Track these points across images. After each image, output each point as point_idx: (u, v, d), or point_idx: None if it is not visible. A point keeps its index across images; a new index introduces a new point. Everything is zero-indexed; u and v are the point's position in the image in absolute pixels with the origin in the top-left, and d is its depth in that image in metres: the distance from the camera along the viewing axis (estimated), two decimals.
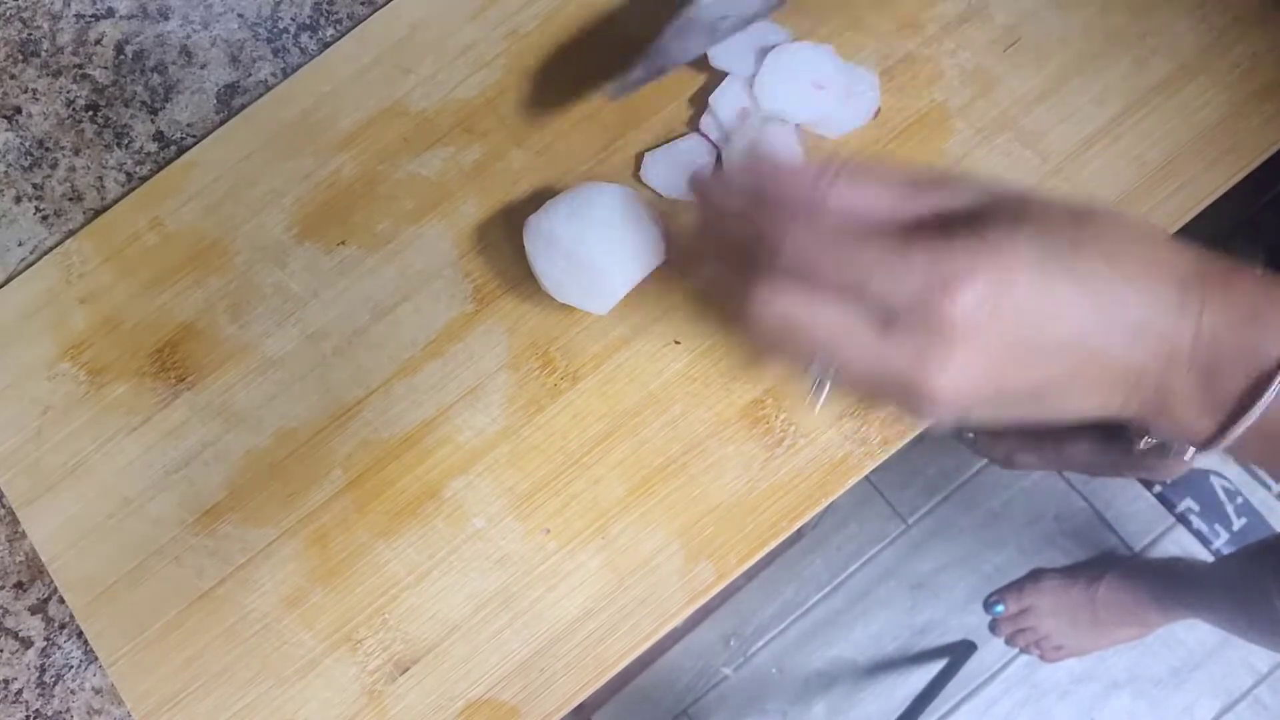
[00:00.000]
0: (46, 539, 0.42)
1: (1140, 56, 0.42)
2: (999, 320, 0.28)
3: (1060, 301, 0.28)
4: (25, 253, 0.45)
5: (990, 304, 0.28)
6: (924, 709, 1.14)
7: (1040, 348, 0.29)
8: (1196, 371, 0.29)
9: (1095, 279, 0.29)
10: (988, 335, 0.28)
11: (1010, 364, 0.29)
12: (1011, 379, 0.29)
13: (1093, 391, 0.30)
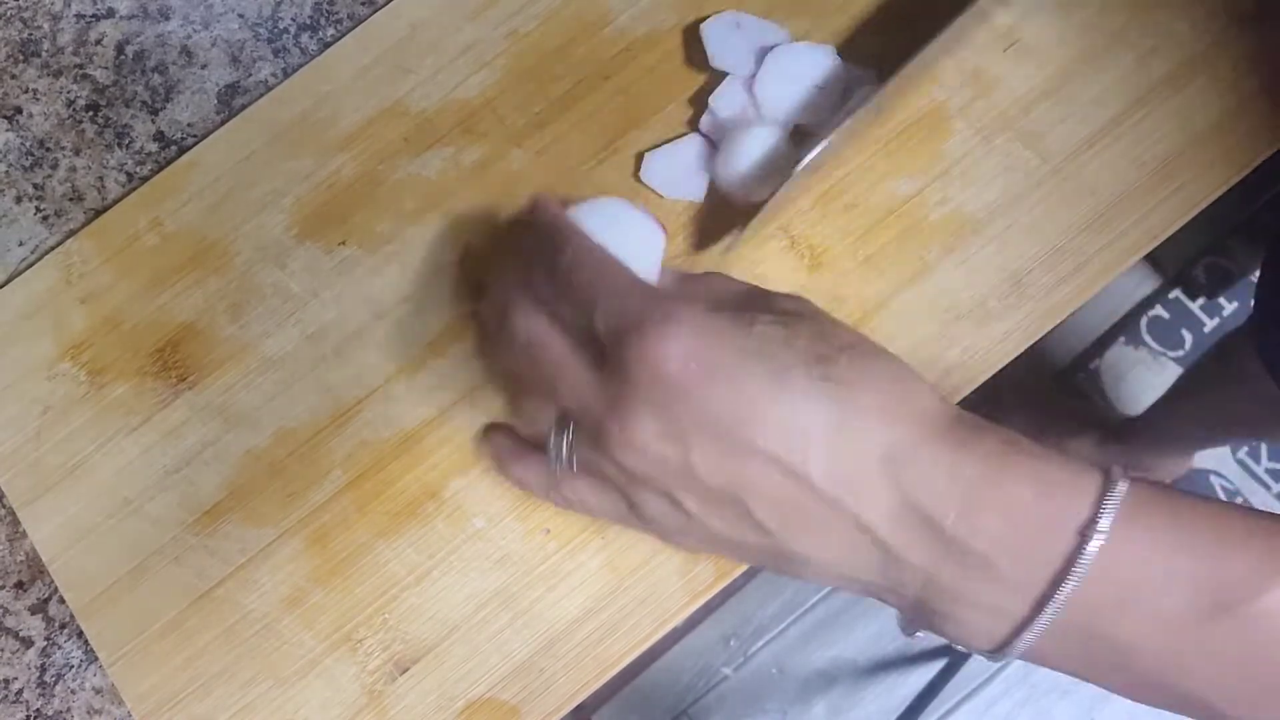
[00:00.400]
0: (47, 539, 0.42)
1: (1140, 57, 0.42)
2: (685, 385, 0.27)
3: (759, 403, 0.27)
4: (26, 253, 0.45)
5: (675, 362, 0.27)
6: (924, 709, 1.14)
7: (729, 440, 0.27)
8: (971, 564, 0.26)
9: (817, 401, 0.27)
10: (669, 397, 0.27)
11: (697, 440, 0.27)
12: (700, 460, 0.27)
13: (816, 531, 0.28)
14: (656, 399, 0.27)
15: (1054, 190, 0.42)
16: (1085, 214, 0.41)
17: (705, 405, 0.27)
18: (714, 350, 0.27)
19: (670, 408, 0.27)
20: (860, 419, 0.27)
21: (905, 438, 0.27)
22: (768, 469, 0.27)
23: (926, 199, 0.42)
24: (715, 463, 0.27)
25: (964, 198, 0.42)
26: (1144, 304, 1.22)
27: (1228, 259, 1.18)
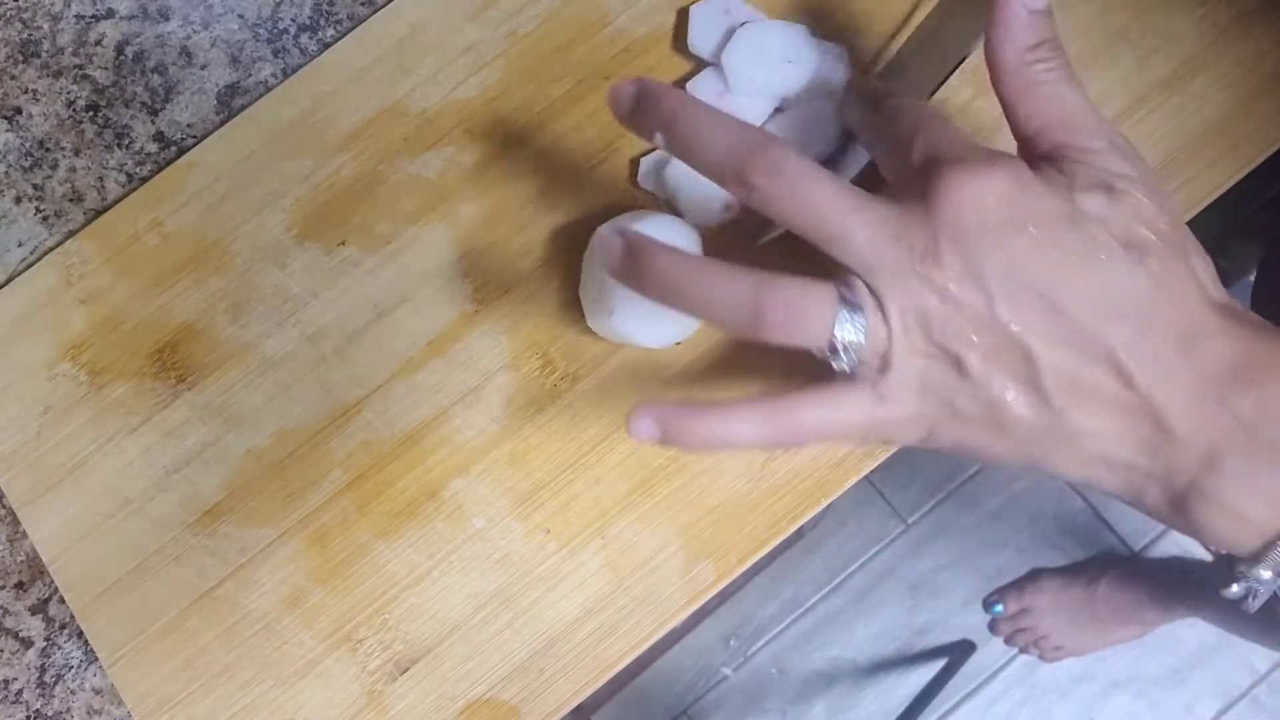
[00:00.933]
0: (47, 539, 0.42)
1: (1141, 56, 0.42)
2: (1002, 234, 0.26)
3: (1073, 267, 0.26)
4: (25, 253, 0.45)
5: (997, 210, 0.26)
6: (924, 709, 1.14)
7: (1035, 294, 0.26)
8: (1260, 447, 0.25)
9: (1127, 285, 0.26)
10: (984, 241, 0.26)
11: (999, 287, 0.26)
12: (1001, 305, 0.26)
13: (1097, 413, 0.27)
14: (965, 237, 0.26)
15: None
16: None
17: (1017, 258, 0.26)
18: (1031, 203, 0.26)
19: (983, 253, 0.26)
20: (1166, 304, 0.26)
21: (1207, 321, 0.26)
22: (1070, 334, 0.26)
23: None
24: (1017, 315, 0.26)
25: None
26: None
27: (1226, 259, 1.18)
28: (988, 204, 0.27)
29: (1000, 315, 0.26)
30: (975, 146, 0.28)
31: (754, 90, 0.41)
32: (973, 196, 0.27)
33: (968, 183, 0.27)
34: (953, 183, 0.27)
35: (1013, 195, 0.27)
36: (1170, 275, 0.27)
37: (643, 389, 0.42)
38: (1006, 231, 0.26)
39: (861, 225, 0.27)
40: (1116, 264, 0.26)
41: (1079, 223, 0.27)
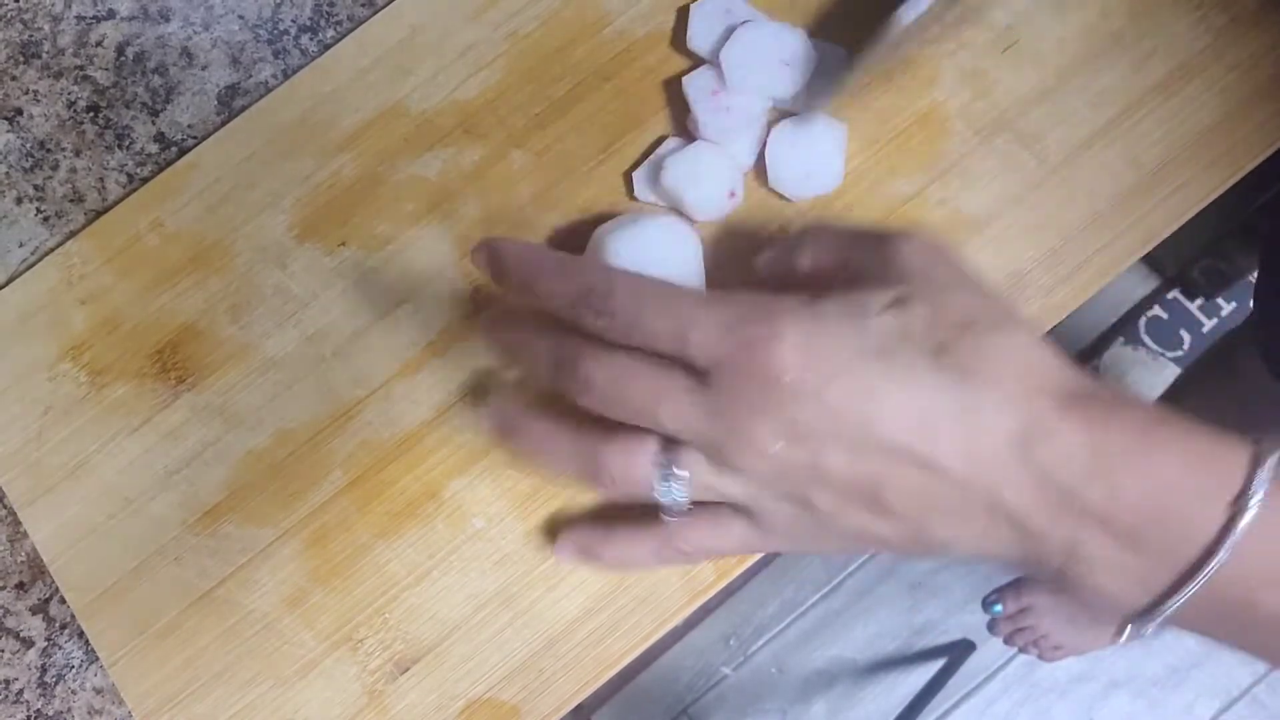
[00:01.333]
0: (47, 539, 0.42)
1: (1138, 59, 0.43)
2: (805, 391, 0.27)
3: (881, 396, 0.26)
4: (26, 254, 0.45)
5: (792, 372, 0.26)
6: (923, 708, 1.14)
7: (857, 440, 0.27)
8: (1115, 534, 0.26)
9: (940, 389, 0.26)
10: (791, 406, 0.27)
11: (824, 444, 0.27)
12: (831, 462, 0.27)
13: (952, 517, 0.27)
14: (777, 406, 0.27)
15: (1053, 191, 0.42)
16: (1084, 215, 0.42)
17: (828, 406, 0.27)
18: (829, 352, 0.27)
19: (793, 412, 0.27)
20: (990, 401, 0.26)
21: (1039, 415, 0.26)
22: (900, 461, 0.27)
23: (926, 199, 0.42)
24: (846, 459, 0.27)
25: (963, 198, 0.42)
26: (1142, 304, 1.22)
27: (1226, 260, 1.18)
28: (789, 373, 0.27)
29: (828, 464, 0.27)
30: (750, 312, 0.28)
31: (749, 89, 0.41)
32: (774, 369, 0.27)
33: (764, 361, 0.27)
34: (748, 367, 0.27)
35: (808, 354, 0.27)
36: (991, 368, 0.26)
37: None
38: (815, 387, 0.27)
39: (674, 416, 0.29)
40: (932, 377, 0.27)
41: (882, 349, 0.27)
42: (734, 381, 0.27)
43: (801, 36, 0.41)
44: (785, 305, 0.28)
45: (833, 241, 0.33)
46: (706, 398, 0.28)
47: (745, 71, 0.41)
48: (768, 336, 0.27)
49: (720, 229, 0.42)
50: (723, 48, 0.41)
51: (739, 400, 0.27)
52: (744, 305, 0.28)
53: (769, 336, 0.27)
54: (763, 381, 0.27)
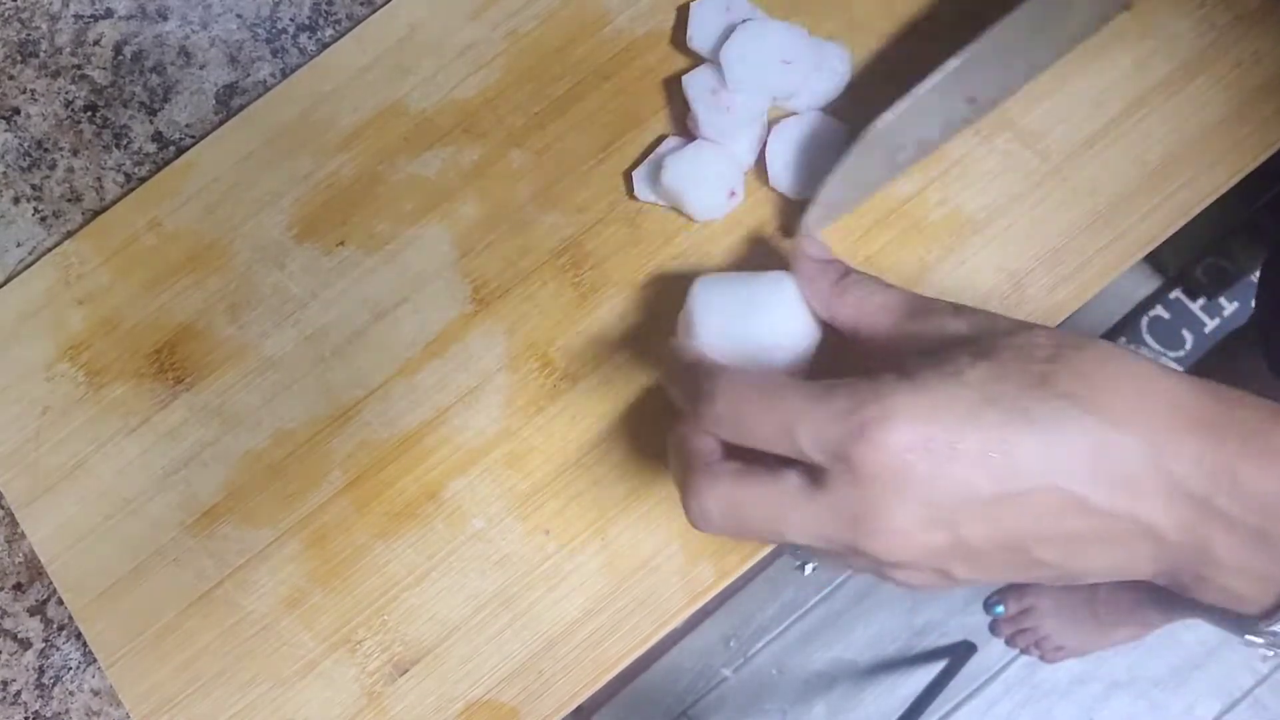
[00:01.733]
0: (45, 540, 0.42)
1: (1140, 57, 0.42)
2: (933, 466, 0.26)
3: (1010, 444, 0.26)
4: (24, 254, 0.45)
5: (914, 450, 0.26)
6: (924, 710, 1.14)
7: (995, 498, 0.26)
8: (1242, 536, 0.26)
9: (1063, 420, 0.26)
10: (922, 485, 0.26)
11: (963, 516, 0.26)
12: (973, 533, 0.26)
13: (1097, 549, 0.27)
14: (906, 493, 0.26)
15: (1054, 190, 0.42)
16: (1085, 214, 0.41)
17: (958, 476, 0.26)
18: (944, 420, 0.26)
19: (925, 495, 0.26)
20: (1114, 424, 0.26)
21: (1159, 429, 0.26)
22: (1044, 510, 0.26)
23: (926, 199, 0.42)
24: (989, 528, 0.26)
25: (964, 198, 0.42)
26: (1145, 304, 1.21)
27: (1228, 259, 1.17)
28: (911, 455, 0.26)
29: (970, 537, 0.27)
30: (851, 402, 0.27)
31: (750, 88, 0.41)
32: (894, 456, 0.26)
33: (882, 451, 0.26)
34: (867, 459, 0.26)
35: (923, 430, 0.26)
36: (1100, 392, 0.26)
37: (643, 388, 0.41)
38: (940, 463, 0.26)
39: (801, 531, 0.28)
40: (1051, 413, 0.26)
41: (990, 398, 0.26)
42: (855, 475, 0.26)
43: (802, 34, 0.41)
44: (885, 385, 0.27)
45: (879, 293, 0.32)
46: (830, 500, 0.27)
47: (745, 70, 0.41)
48: (879, 418, 0.26)
49: (725, 225, 0.42)
50: (723, 46, 0.41)
51: (865, 495, 0.26)
52: (846, 392, 0.27)
53: (880, 418, 0.26)
54: (885, 468, 0.26)
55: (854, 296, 0.33)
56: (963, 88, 0.37)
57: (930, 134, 0.39)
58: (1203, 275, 1.19)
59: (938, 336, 0.29)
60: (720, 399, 0.29)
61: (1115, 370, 0.27)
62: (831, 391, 0.27)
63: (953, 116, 0.39)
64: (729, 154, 0.41)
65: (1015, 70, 0.38)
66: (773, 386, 0.28)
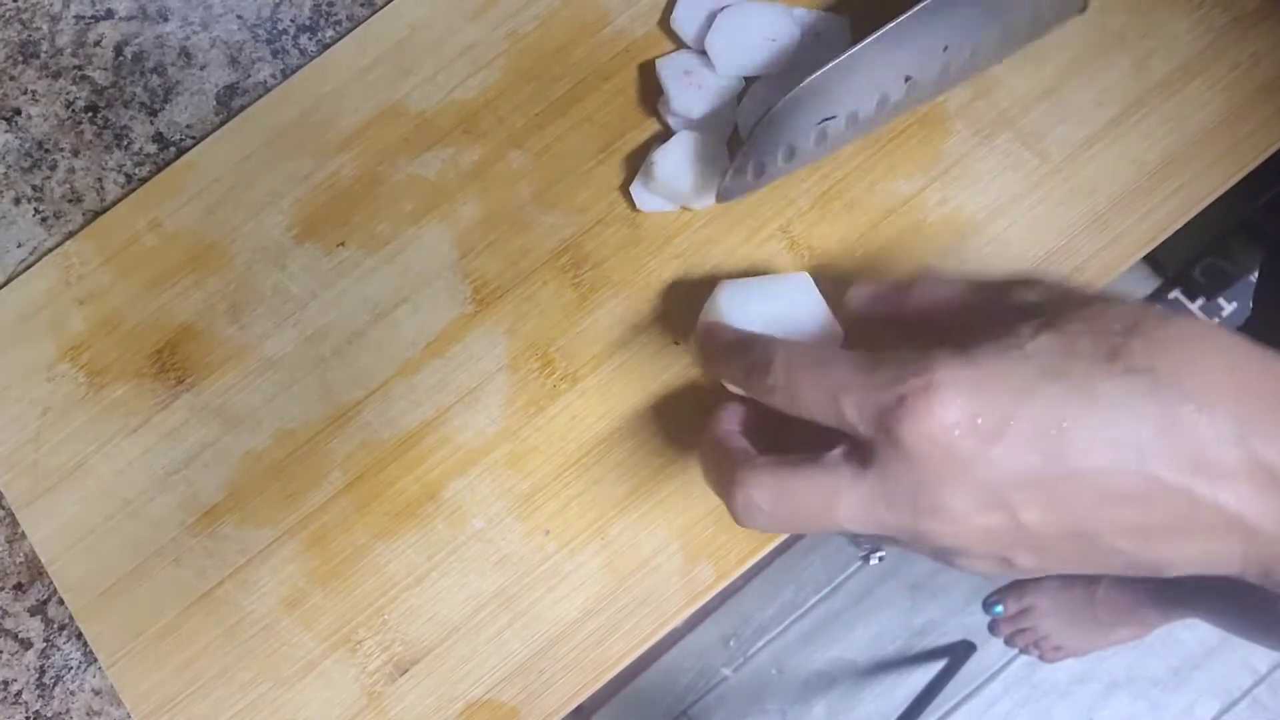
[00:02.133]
0: (46, 540, 0.42)
1: (1139, 58, 0.42)
2: (981, 444, 0.24)
3: (1069, 424, 0.24)
4: (24, 254, 0.45)
5: (960, 425, 0.24)
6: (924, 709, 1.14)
7: (1053, 480, 0.24)
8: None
9: (1132, 398, 0.23)
10: (971, 464, 0.24)
11: (1020, 499, 0.24)
12: (1032, 518, 0.24)
13: (1176, 536, 0.24)
14: (955, 472, 0.24)
15: (1053, 191, 0.42)
16: (1084, 214, 0.41)
17: (1012, 455, 0.24)
18: (997, 393, 0.24)
19: (975, 475, 0.24)
20: (1186, 400, 0.23)
21: (1241, 405, 0.23)
22: (1111, 494, 0.24)
23: (926, 199, 0.42)
24: (1051, 513, 0.24)
25: (963, 198, 0.42)
26: None
27: (1227, 259, 1.18)
28: (959, 430, 0.24)
29: (1029, 521, 0.25)
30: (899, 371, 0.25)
31: (739, 70, 0.41)
32: (941, 431, 0.24)
33: (928, 424, 0.24)
34: (913, 434, 0.24)
35: (975, 403, 0.24)
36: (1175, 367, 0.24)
37: (643, 389, 0.42)
38: (993, 440, 0.24)
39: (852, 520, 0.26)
40: (1118, 388, 0.24)
41: (1052, 371, 0.24)
42: (899, 451, 0.25)
43: (783, 10, 0.41)
44: (934, 356, 0.25)
45: (945, 284, 0.30)
46: (878, 479, 0.25)
47: (732, 54, 0.41)
48: (922, 390, 0.24)
49: (720, 227, 0.42)
50: (707, 35, 0.41)
51: (913, 473, 0.25)
52: (893, 362, 0.25)
53: (923, 390, 0.24)
54: (930, 444, 0.24)
55: (919, 291, 0.31)
56: (897, 63, 0.37)
57: (864, 108, 0.38)
58: (1201, 275, 1.19)
59: (1006, 306, 0.27)
60: (776, 366, 0.28)
61: (1202, 345, 0.24)
62: (880, 361, 0.26)
63: (888, 94, 0.38)
64: (714, 138, 0.41)
65: (958, 57, 0.38)
66: (826, 355, 0.27)
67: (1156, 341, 0.24)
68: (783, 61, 0.41)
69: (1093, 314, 0.25)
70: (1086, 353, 0.24)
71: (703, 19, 0.42)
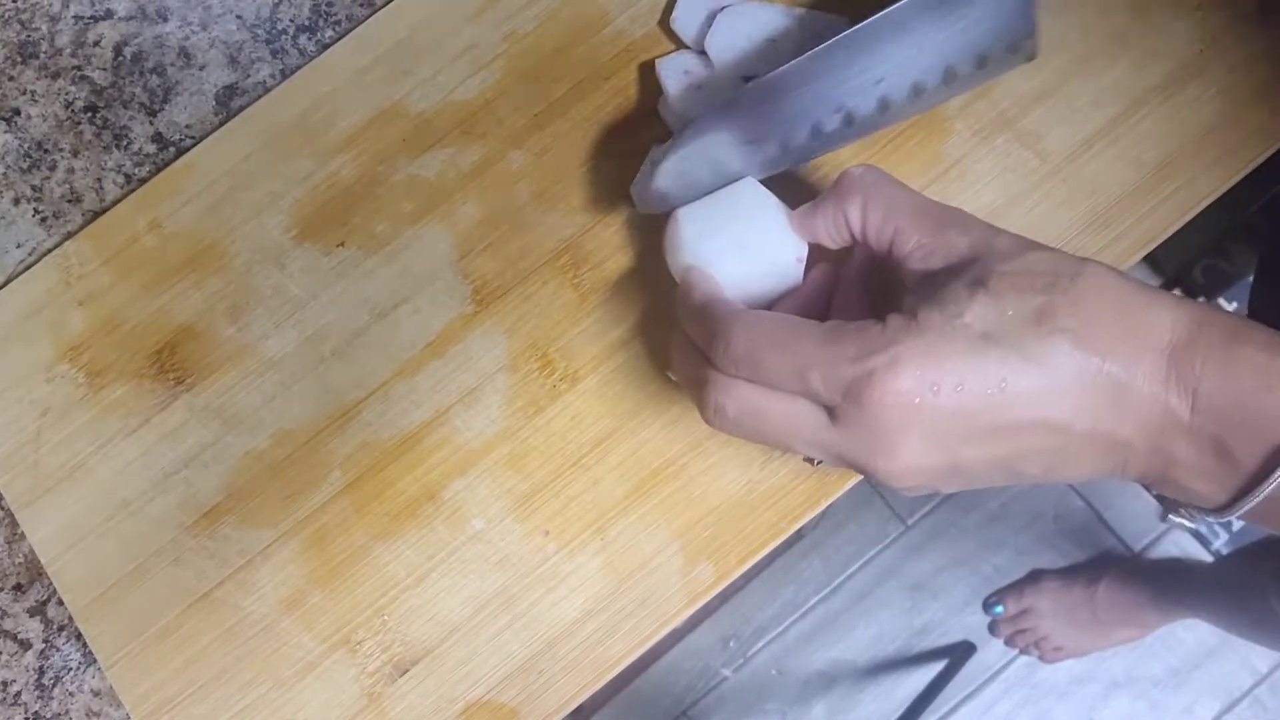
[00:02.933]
0: (45, 541, 0.42)
1: (1138, 58, 0.42)
2: (937, 404, 0.28)
3: (1008, 382, 0.28)
4: (24, 255, 0.45)
5: (919, 393, 0.28)
6: (924, 710, 1.14)
7: (992, 428, 0.29)
8: (1200, 443, 0.28)
9: (1056, 355, 0.28)
10: (926, 421, 0.28)
11: (961, 444, 0.29)
12: (968, 456, 0.29)
13: (1075, 461, 0.30)
14: (912, 428, 0.28)
15: (1053, 191, 0.42)
16: (1084, 215, 0.41)
17: (959, 411, 0.28)
18: (945, 366, 0.28)
19: (929, 429, 0.28)
20: (1100, 355, 0.28)
21: (1141, 355, 0.28)
22: (1035, 436, 0.29)
23: None
24: (984, 452, 0.29)
25: (963, 198, 0.42)
26: None
27: (1226, 260, 1.18)
28: (917, 396, 0.28)
29: (965, 459, 0.29)
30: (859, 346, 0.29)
31: (739, 71, 0.41)
32: (902, 398, 0.28)
33: (891, 394, 0.28)
34: (878, 401, 0.28)
35: (929, 373, 0.28)
36: (1094, 325, 0.28)
37: (643, 389, 0.42)
38: (945, 400, 0.28)
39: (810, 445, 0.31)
40: (1046, 348, 0.28)
41: (990, 335, 0.28)
42: (865, 413, 0.29)
43: (782, 10, 0.41)
44: (891, 331, 0.29)
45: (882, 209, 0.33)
46: (840, 429, 0.30)
47: (732, 56, 0.41)
48: (886, 365, 0.28)
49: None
50: (706, 37, 0.41)
51: (874, 428, 0.29)
52: (855, 339, 0.29)
53: (887, 366, 0.28)
54: (893, 409, 0.28)
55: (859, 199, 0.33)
56: (827, 93, 0.36)
57: (797, 138, 0.37)
58: (1201, 276, 1.19)
59: (942, 254, 0.31)
60: (736, 342, 0.31)
61: (1106, 300, 0.29)
62: (841, 337, 0.29)
63: (823, 125, 0.37)
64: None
65: (896, 94, 0.37)
66: (786, 330, 0.30)
67: (1072, 299, 0.28)
68: (782, 62, 0.41)
69: (1014, 270, 0.29)
70: (1015, 314, 0.28)
71: (703, 19, 0.42)
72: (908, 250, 0.31)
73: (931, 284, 0.30)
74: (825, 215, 0.34)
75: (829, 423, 0.30)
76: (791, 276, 0.36)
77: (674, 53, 0.43)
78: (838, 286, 0.36)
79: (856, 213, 0.33)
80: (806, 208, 0.35)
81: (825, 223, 0.34)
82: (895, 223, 0.32)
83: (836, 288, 0.36)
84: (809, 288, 0.36)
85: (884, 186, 0.33)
